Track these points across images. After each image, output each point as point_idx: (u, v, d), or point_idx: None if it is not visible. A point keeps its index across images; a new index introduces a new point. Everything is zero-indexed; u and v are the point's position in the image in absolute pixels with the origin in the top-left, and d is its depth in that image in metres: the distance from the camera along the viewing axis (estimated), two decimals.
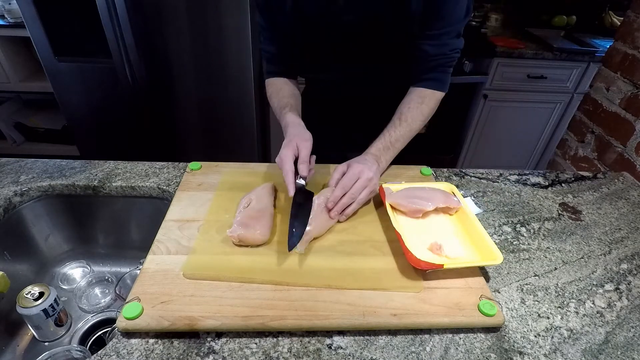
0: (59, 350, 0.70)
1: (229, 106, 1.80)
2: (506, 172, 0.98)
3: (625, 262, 0.75)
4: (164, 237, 0.70)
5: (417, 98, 0.86)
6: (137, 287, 0.60)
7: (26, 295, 0.71)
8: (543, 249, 0.77)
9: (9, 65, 2.09)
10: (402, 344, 0.57)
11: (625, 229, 0.84)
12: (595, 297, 0.67)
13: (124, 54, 1.59)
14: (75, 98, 1.79)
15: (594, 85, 1.28)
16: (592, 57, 1.98)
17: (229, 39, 1.61)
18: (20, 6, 1.53)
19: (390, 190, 0.78)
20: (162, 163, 0.92)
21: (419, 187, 0.81)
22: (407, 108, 0.85)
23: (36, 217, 0.86)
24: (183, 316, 0.56)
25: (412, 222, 0.76)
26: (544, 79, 2.04)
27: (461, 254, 0.69)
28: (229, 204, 0.78)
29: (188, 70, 1.69)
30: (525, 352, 0.58)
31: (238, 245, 0.69)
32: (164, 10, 1.54)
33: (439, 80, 0.87)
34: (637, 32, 1.14)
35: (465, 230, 0.74)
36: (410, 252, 0.63)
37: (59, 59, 1.66)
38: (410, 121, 0.84)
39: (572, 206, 0.89)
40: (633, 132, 1.11)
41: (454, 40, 0.83)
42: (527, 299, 0.66)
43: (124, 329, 0.56)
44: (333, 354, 0.55)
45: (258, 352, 0.55)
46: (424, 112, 0.85)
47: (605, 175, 1.02)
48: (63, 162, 0.91)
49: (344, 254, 0.69)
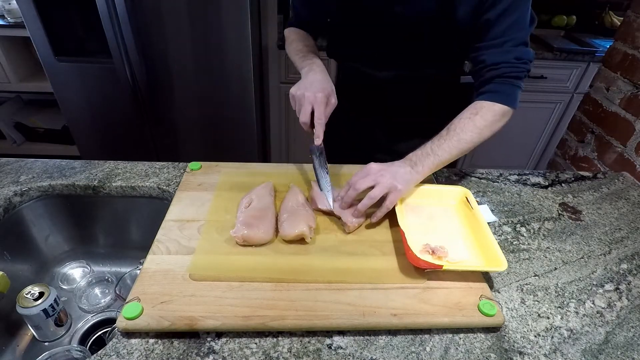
0: (59, 350, 0.70)
1: (229, 106, 1.80)
2: (506, 172, 0.98)
3: (625, 262, 0.75)
4: (164, 237, 0.70)
5: (472, 109, 0.77)
6: (137, 287, 0.60)
7: (26, 295, 0.71)
8: (543, 249, 0.77)
9: (9, 65, 2.09)
10: (402, 344, 0.57)
11: (625, 229, 0.84)
12: (595, 297, 0.67)
13: (124, 54, 1.58)
14: (75, 98, 1.79)
15: (594, 85, 1.28)
16: (592, 57, 1.98)
17: (229, 39, 1.61)
18: (20, 6, 1.52)
19: None
20: (162, 163, 0.92)
21: (427, 188, 0.81)
22: (458, 119, 0.77)
23: (36, 217, 0.86)
24: (183, 316, 0.56)
25: (419, 222, 0.76)
26: (544, 79, 2.04)
27: (465, 257, 0.69)
28: (229, 204, 0.78)
29: (188, 70, 1.69)
30: (525, 352, 0.58)
31: (242, 245, 0.69)
32: (164, 10, 1.54)
33: (498, 91, 0.77)
34: (637, 32, 1.14)
35: (473, 234, 0.74)
36: (410, 250, 0.63)
37: (59, 59, 1.66)
38: (458, 130, 0.75)
39: (572, 206, 0.89)
40: (633, 132, 1.11)
41: (520, 49, 0.76)
42: (527, 299, 0.66)
43: (124, 329, 0.56)
44: (333, 354, 0.55)
45: (258, 352, 0.55)
46: (477, 123, 0.75)
47: (605, 175, 1.02)
48: (63, 162, 0.91)
49: (345, 253, 0.69)
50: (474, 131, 0.75)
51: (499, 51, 0.76)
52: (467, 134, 0.75)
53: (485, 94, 0.78)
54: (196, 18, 1.56)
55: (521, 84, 0.78)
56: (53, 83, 1.74)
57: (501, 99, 0.77)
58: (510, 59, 0.75)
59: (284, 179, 0.87)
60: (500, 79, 0.77)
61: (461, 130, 0.75)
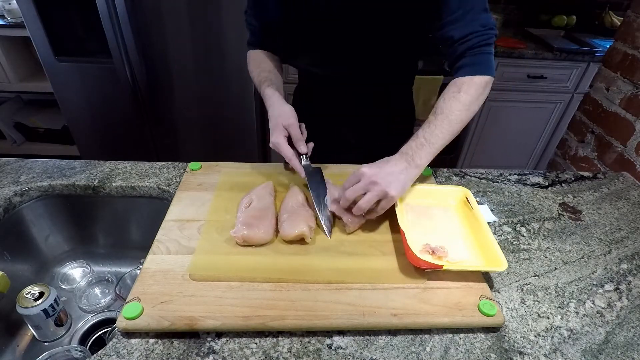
0: (59, 350, 0.70)
1: (229, 106, 1.80)
2: (506, 172, 0.98)
3: (625, 262, 0.75)
4: (164, 237, 0.70)
5: (453, 88, 0.76)
6: (137, 287, 0.60)
7: (26, 295, 0.71)
8: (543, 249, 0.77)
9: (9, 65, 2.09)
10: (402, 344, 0.57)
11: (625, 229, 0.84)
12: (595, 297, 0.67)
13: (124, 54, 1.59)
14: (75, 98, 1.79)
15: (594, 85, 1.28)
16: (592, 57, 1.98)
17: (229, 39, 1.61)
18: (20, 6, 1.52)
19: None
20: (162, 163, 0.92)
21: (427, 188, 0.81)
22: (442, 100, 0.75)
23: (36, 217, 0.86)
24: (183, 316, 0.56)
25: (420, 222, 0.76)
26: (544, 79, 2.04)
27: (465, 257, 0.69)
28: (229, 204, 0.78)
29: (188, 70, 1.69)
30: (525, 352, 0.58)
31: (242, 245, 0.69)
32: (164, 10, 1.54)
33: (474, 64, 0.76)
34: (637, 32, 1.14)
35: (473, 234, 0.74)
36: (410, 250, 0.63)
37: (59, 59, 1.66)
38: (446, 112, 0.73)
39: (572, 206, 0.89)
40: (633, 132, 1.11)
41: (482, 16, 0.75)
42: (527, 299, 0.66)
43: (124, 329, 0.56)
44: (333, 354, 0.55)
45: (258, 352, 0.55)
46: (463, 100, 0.74)
47: (605, 175, 1.02)
48: (63, 162, 0.91)
49: (345, 253, 0.69)
50: (461, 109, 0.74)
51: (464, 23, 0.75)
52: (455, 114, 0.74)
53: (461, 69, 0.77)
54: (196, 18, 1.56)
55: (492, 50, 0.78)
56: (53, 83, 1.74)
57: (479, 70, 0.76)
58: (477, 28, 0.75)
59: (284, 179, 0.87)
60: (472, 51, 0.76)
61: (449, 111, 0.74)
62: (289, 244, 0.70)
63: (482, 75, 0.76)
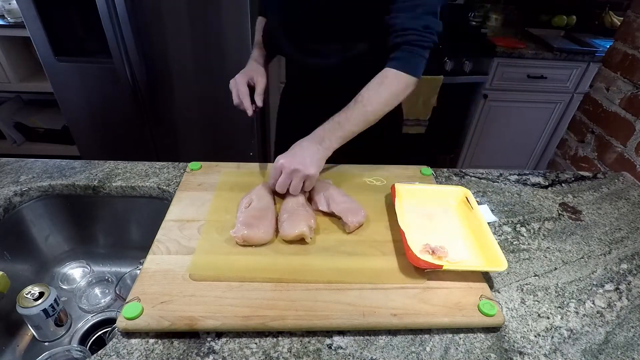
0: (59, 350, 0.70)
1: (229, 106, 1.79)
2: (506, 172, 0.98)
3: (625, 262, 0.75)
4: (164, 237, 0.70)
5: (378, 79, 0.79)
6: (137, 287, 0.60)
7: (26, 295, 0.71)
8: (543, 249, 0.77)
9: (9, 65, 2.09)
10: (402, 344, 0.57)
11: (625, 229, 0.84)
12: (595, 297, 0.67)
13: (124, 54, 1.58)
14: (75, 98, 1.78)
15: (594, 85, 1.28)
16: (592, 57, 1.98)
17: (229, 39, 1.61)
18: (20, 6, 1.52)
19: (401, 191, 0.78)
20: (162, 163, 0.92)
21: (427, 188, 0.81)
22: (366, 89, 0.79)
23: (36, 217, 0.86)
24: (183, 316, 0.56)
25: (420, 222, 0.76)
26: (544, 79, 2.04)
27: (465, 257, 0.69)
28: (229, 204, 0.78)
29: (188, 70, 1.69)
30: (525, 352, 0.58)
31: (241, 245, 0.69)
32: (164, 10, 1.53)
33: (404, 60, 0.78)
34: (637, 32, 1.14)
35: (473, 234, 0.74)
36: (410, 250, 0.63)
37: (59, 59, 1.66)
38: (365, 102, 0.77)
39: (572, 206, 0.89)
40: (633, 132, 1.11)
41: (429, 17, 0.76)
42: (527, 299, 0.66)
43: (124, 329, 0.56)
44: (333, 354, 0.55)
45: (258, 352, 0.55)
46: (381, 94, 0.78)
47: (605, 175, 1.02)
48: (63, 162, 0.91)
49: (345, 253, 0.69)
50: (379, 102, 0.78)
51: (410, 16, 0.76)
52: (373, 106, 0.78)
53: (393, 60, 0.80)
54: (196, 18, 1.56)
55: (426, 54, 0.79)
56: (53, 83, 1.74)
57: (407, 68, 0.79)
58: (419, 26, 0.76)
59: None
60: (406, 47, 0.78)
61: (368, 102, 0.78)
62: (289, 244, 0.70)
63: (408, 74, 0.79)
